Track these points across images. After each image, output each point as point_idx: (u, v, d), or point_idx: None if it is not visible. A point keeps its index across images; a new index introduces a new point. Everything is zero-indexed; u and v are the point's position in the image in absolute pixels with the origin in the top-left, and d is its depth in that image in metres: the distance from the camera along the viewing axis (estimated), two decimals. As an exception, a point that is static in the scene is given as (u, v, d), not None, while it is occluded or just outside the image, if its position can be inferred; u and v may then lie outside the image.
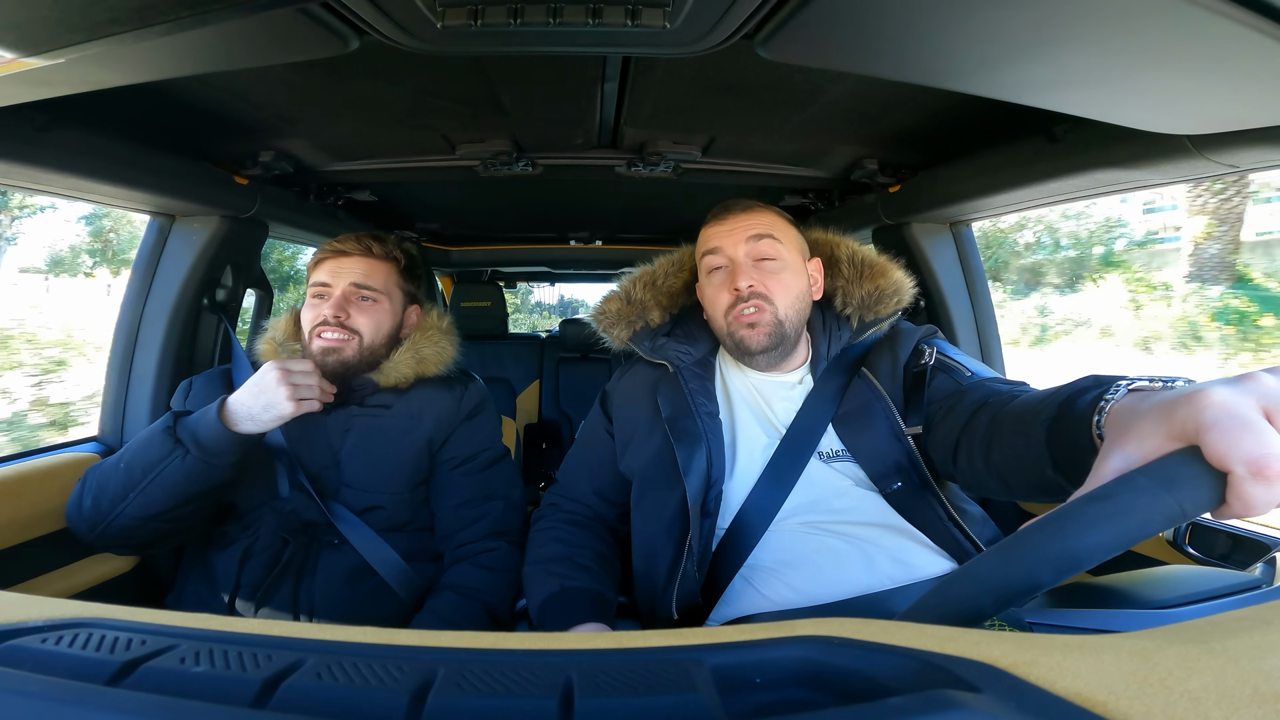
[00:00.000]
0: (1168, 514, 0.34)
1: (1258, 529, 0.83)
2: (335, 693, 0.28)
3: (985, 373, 0.85)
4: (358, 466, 1.00)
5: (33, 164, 0.83)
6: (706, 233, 0.94)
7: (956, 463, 0.77)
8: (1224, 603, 0.45)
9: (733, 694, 0.29)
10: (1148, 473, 0.35)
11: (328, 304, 1.00)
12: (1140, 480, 0.35)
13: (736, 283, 0.87)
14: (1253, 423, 0.34)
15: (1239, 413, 0.34)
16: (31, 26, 0.52)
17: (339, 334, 0.99)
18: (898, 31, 0.55)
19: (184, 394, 1.06)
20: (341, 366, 1.00)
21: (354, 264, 1.03)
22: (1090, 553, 0.34)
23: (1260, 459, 0.33)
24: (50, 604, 0.38)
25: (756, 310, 0.87)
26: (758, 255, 0.89)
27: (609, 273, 3.07)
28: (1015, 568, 0.35)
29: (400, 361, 1.06)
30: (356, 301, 1.02)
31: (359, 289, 1.02)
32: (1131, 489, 0.34)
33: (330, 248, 1.04)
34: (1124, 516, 0.34)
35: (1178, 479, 0.34)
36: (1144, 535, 0.34)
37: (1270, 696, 0.25)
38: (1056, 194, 1.04)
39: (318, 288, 1.02)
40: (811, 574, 0.79)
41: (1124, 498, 0.34)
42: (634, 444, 0.95)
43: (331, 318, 0.99)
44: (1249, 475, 0.33)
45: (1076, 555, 0.34)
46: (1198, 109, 0.65)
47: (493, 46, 0.64)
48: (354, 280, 1.02)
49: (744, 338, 0.88)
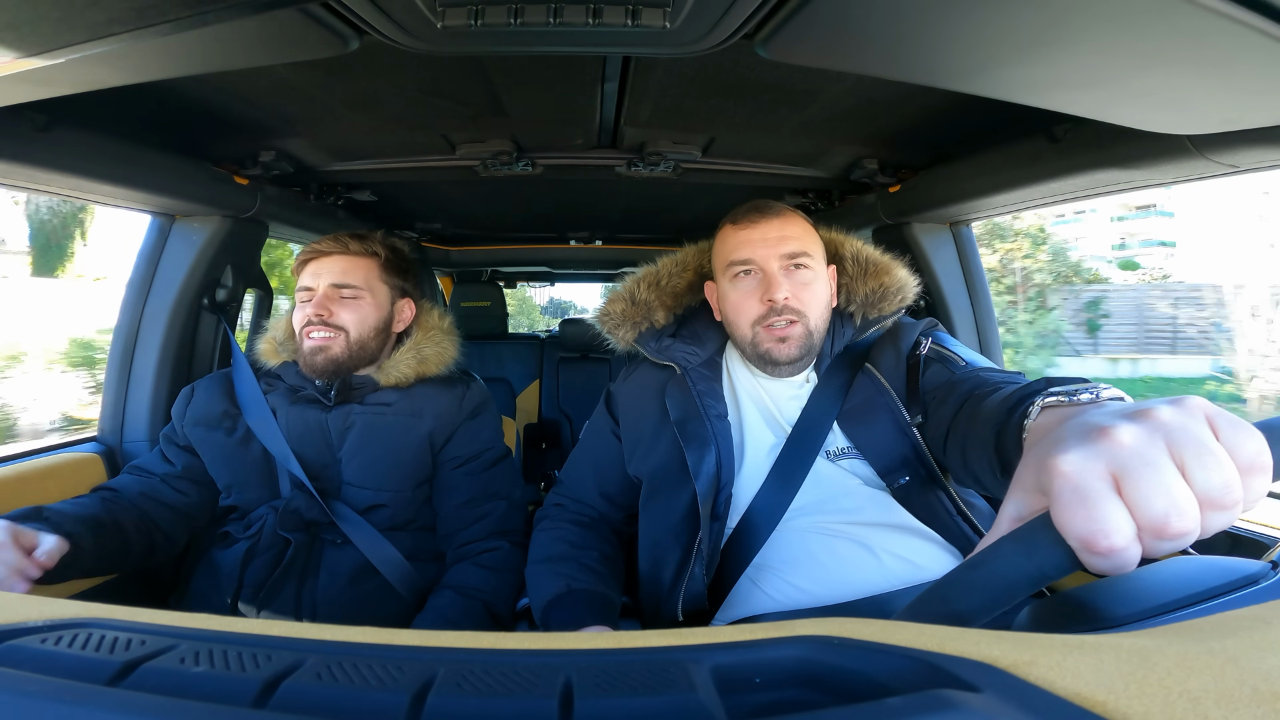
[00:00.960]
0: (1031, 579, 0.36)
1: (1258, 529, 0.83)
2: (335, 693, 0.28)
3: (979, 362, 0.84)
4: (359, 465, 1.00)
5: (33, 164, 0.83)
6: (737, 236, 0.90)
7: (946, 454, 0.76)
8: (1224, 602, 0.45)
9: (732, 694, 0.29)
10: (1013, 539, 0.37)
11: (310, 306, 1.01)
12: (1006, 548, 0.37)
13: (772, 294, 0.85)
14: (1090, 495, 0.33)
15: (1080, 484, 0.34)
16: (31, 26, 0.52)
17: (325, 332, 1.00)
18: (898, 31, 0.55)
19: (186, 400, 1.06)
20: (332, 364, 1.01)
21: (332, 263, 1.04)
22: (973, 614, 0.37)
23: (1089, 534, 0.32)
24: (50, 604, 0.38)
25: (790, 324, 0.86)
26: (792, 266, 0.87)
27: (609, 273, 3.07)
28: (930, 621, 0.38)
29: (401, 360, 1.06)
30: (337, 299, 1.03)
31: (338, 287, 1.03)
32: (998, 557, 0.37)
33: (310, 250, 1.05)
34: (993, 582, 0.37)
35: (1035, 545, 0.36)
36: (1015, 598, 0.36)
37: (1270, 696, 0.25)
38: (1056, 194, 1.04)
39: (303, 291, 1.04)
40: (818, 574, 0.79)
41: (992, 566, 0.37)
42: (642, 447, 0.95)
43: (314, 317, 1.00)
44: (1083, 548, 0.33)
45: (961, 618, 0.37)
46: (1198, 109, 0.65)
47: (493, 46, 0.64)
48: (333, 280, 1.03)
49: (771, 350, 0.87)
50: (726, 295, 0.91)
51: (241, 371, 1.07)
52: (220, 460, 1.01)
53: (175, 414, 1.06)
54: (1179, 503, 0.32)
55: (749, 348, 0.90)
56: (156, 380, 1.20)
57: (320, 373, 1.01)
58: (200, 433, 1.02)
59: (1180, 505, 0.32)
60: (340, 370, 1.02)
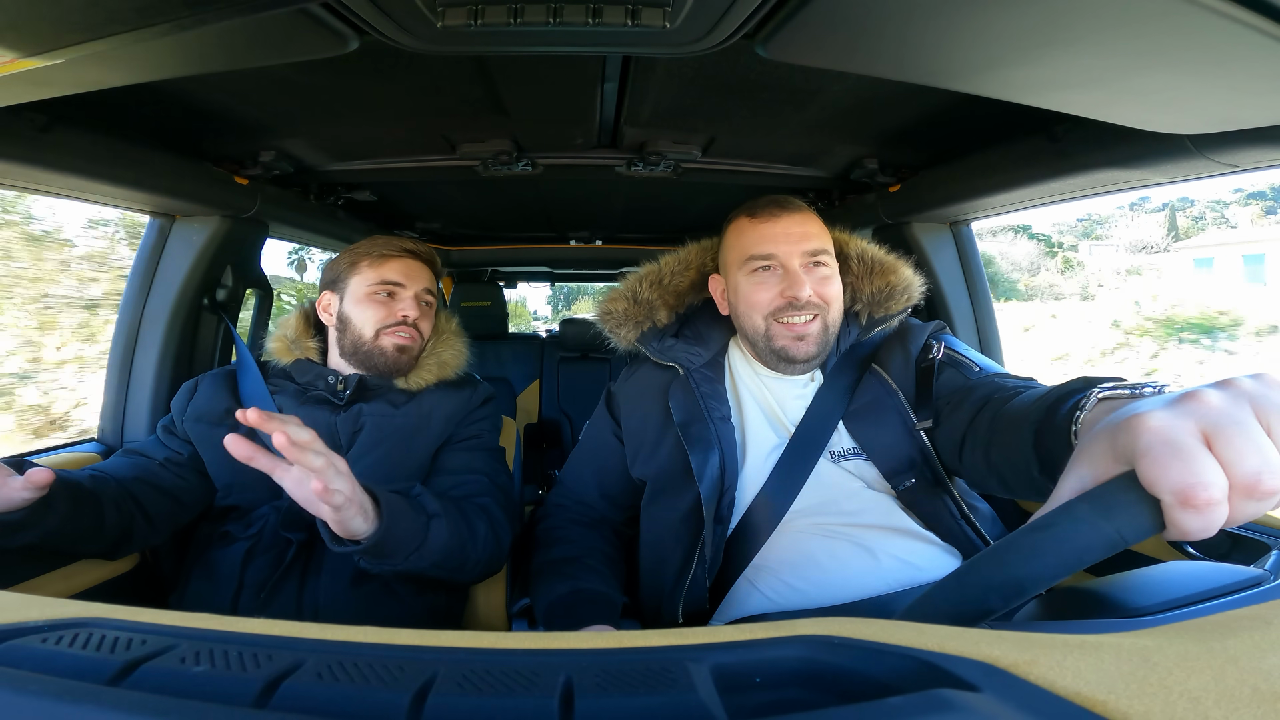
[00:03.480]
0: (1107, 541, 0.34)
1: (1258, 529, 0.83)
2: (336, 693, 0.28)
3: (993, 368, 0.84)
4: (366, 466, 0.99)
5: (33, 164, 0.83)
6: (756, 230, 0.89)
7: (962, 459, 0.76)
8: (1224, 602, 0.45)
9: (733, 693, 0.29)
10: (1089, 499, 0.35)
11: (405, 304, 1.03)
12: (1080, 509, 0.35)
13: (795, 290, 0.84)
14: (1184, 449, 0.33)
15: (1172, 438, 0.33)
16: (31, 26, 0.52)
17: (411, 333, 1.03)
18: (898, 31, 0.55)
19: (188, 394, 1.05)
20: (411, 365, 1.05)
21: (421, 270, 1.07)
22: (1034, 581, 0.34)
23: (1187, 488, 0.32)
24: (50, 604, 0.38)
25: (810, 320, 0.86)
26: (813, 263, 0.87)
27: (609, 272, 3.07)
28: (967, 594, 0.36)
29: (424, 366, 1.08)
30: (422, 306, 1.06)
31: (427, 294, 1.07)
32: (1071, 518, 0.35)
33: (400, 247, 1.06)
34: (1063, 545, 0.34)
35: (1115, 506, 0.34)
36: (1085, 563, 0.34)
37: (1270, 696, 0.25)
38: (1056, 194, 1.04)
39: (388, 285, 1.04)
40: (817, 576, 0.79)
41: (1063, 527, 0.35)
42: (645, 449, 0.94)
43: (411, 319, 1.03)
44: (1177, 504, 0.32)
45: (1020, 584, 0.34)
46: (1198, 109, 0.65)
47: (493, 46, 0.64)
48: (425, 286, 1.06)
49: (787, 348, 0.86)
50: (739, 287, 0.90)
51: (247, 370, 1.07)
52: (221, 458, 1.00)
53: (176, 407, 1.04)
54: (1271, 461, 0.32)
55: (762, 341, 0.89)
56: (157, 380, 1.20)
57: (403, 370, 1.04)
58: (201, 429, 1.01)
59: (1272, 464, 0.32)
60: (406, 370, 1.05)
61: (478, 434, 1.08)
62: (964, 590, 0.36)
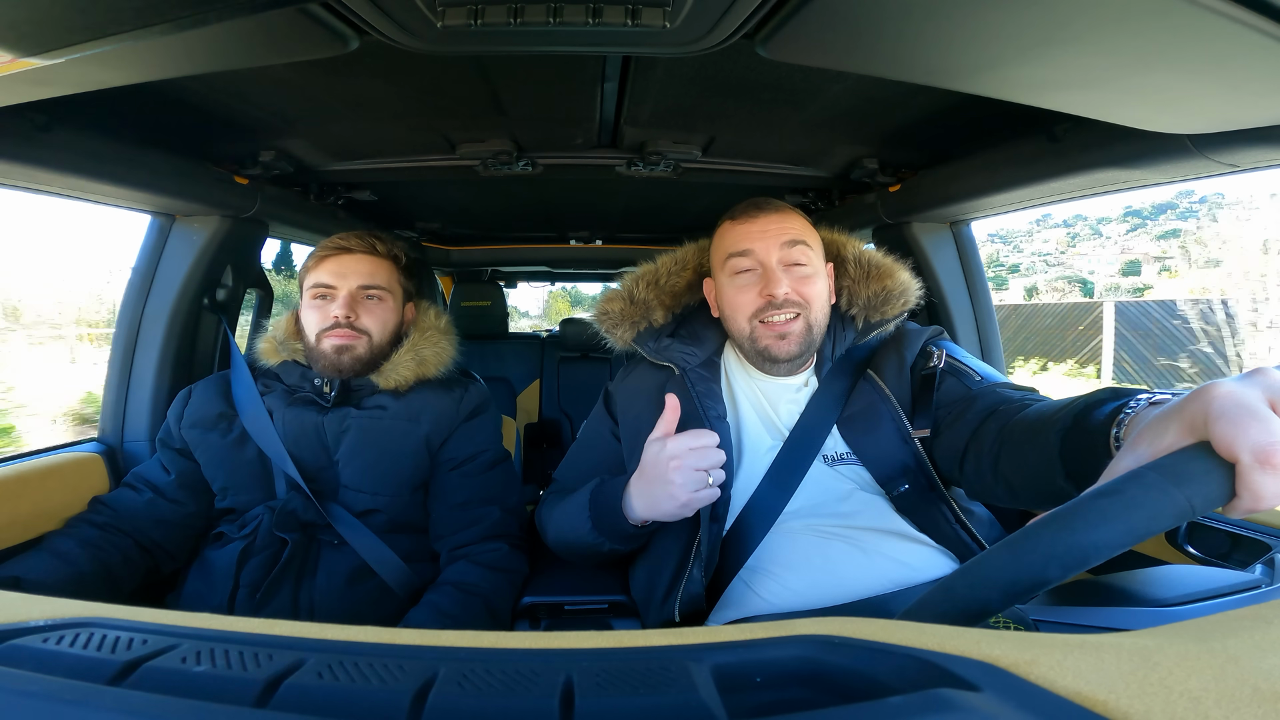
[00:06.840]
0: (1176, 509, 0.33)
1: (1257, 528, 0.83)
2: (337, 692, 0.28)
3: (995, 377, 0.84)
4: (356, 468, 0.99)
5: (33, 164, 0.83)
6: (735, 231, 0.90)
7: (963, 469, 0.76)
8: (1224, 602, 0.45)
9: (733, 693, 0.29)
10: (1157, 468, 0.34)
11: (336, 304, 0.99)
12: (1149, 476, 0.34)
13: (772, 289, 0.85)
14: (1259, 412, 0.35)
15: (1246, 402, 0.35)
16: (31, 26, 0.52)
17: (347, 338, 1.00)
18: (898, 31, 0.55)
19: (183, 402, 1.06)
20: (358, 364, 1.01)
21: (358, 263, 1.02)
22: (1098, 549, 0.33)
23: (1266, 446, 0.33)
24: (51, 604, 0.38)
25: (790, 319, 0.86)
26: (791, 260, 0.87)
27: (609, 272, 3.07)
28: (1023, 564, 0.34)
29: (400, 363, 1.05)
30: (363, 301, 1.02)
31: (366, 289, 1.02)
32: (1140, 485, 0.33)
33: (333, 245, 1.03)
34: (1132, 512, 0.33)
35: (1187, 474, 0.34)
36: (1152, 531, 0.33)
37: (1270, 696, 0.25)
38: (1056, 193, 1.04)
39: (321, 289, 1.01)
40: (811, 577, 0.79)
41: (1132, 493, 0.33)
42: (641, 447, 0.94)
43: (342, 319, 0.98)
44: (1256, 464, 0.33)
45: (1084, 551, 0.33)
46: (1198, 109, 0.65)
47: (493, 46, 0.64)
48: (361, 282, 1.02)
49: (769, 347, 0.87)
50: (724, 291, 0.91)
51: (239, 373, 1.07)
52: (216, 462, 1.01)
53: (171, 416, 1.05)
54: None
55: (747, 343, 0.89)
56: (157, 380, 1.20)
57: (345, 370, 1.00)
58: (196, 434, 1.02)
59: None
60: (362, 369, 1.02)
61: (481, 450, 1.06)
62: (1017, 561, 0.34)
